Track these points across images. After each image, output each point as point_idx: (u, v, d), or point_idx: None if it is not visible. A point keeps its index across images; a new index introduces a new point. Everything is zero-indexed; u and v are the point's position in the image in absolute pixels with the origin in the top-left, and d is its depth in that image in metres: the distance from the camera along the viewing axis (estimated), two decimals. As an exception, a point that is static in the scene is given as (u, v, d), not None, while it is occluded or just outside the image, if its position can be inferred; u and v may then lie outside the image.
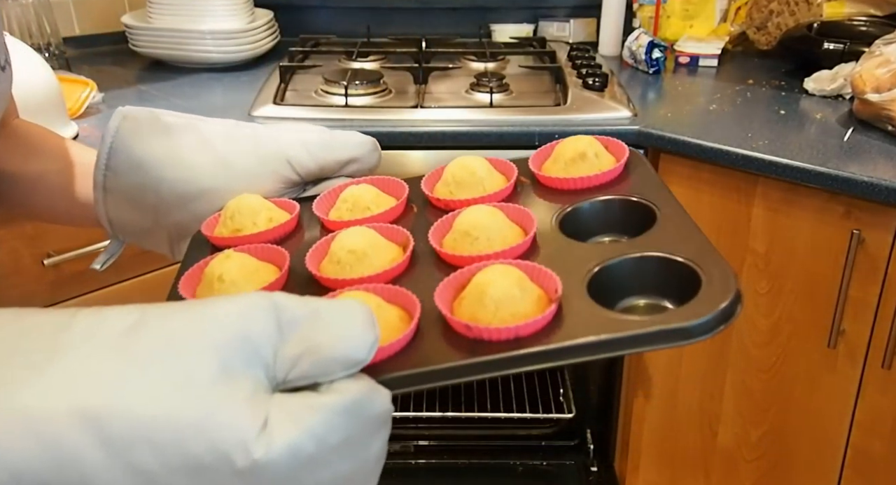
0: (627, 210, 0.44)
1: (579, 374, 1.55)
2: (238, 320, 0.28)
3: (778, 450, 1.29)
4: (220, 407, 0.27)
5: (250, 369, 0.28)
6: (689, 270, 0.37)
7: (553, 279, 0.37)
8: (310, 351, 0.29)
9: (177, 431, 0.26)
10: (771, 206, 1.15)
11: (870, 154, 1.11)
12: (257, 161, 0.51)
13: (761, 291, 1.21)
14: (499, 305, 0.36)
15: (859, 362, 1.14)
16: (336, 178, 0.53)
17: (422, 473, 1.59)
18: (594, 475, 1.55)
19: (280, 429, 0.27)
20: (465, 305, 0.37)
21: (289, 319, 0.29)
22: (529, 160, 0.50)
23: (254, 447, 0.27)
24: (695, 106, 1.36)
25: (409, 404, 1.62)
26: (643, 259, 0.39)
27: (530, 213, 0.44)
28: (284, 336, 0.29)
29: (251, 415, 0.27)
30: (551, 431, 1.62)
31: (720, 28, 1.69)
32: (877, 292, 1.09)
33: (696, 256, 0.37)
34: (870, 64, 1.18)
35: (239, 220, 0.47)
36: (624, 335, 0.33)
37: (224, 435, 0.26)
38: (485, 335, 0.35)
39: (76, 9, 1.66)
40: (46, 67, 1.14)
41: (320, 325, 0.30)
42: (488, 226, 0.42)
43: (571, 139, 0.49)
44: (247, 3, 1.56)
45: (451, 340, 0.36)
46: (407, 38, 1.69)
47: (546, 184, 0.48)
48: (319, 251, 0.44)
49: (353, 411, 0.29)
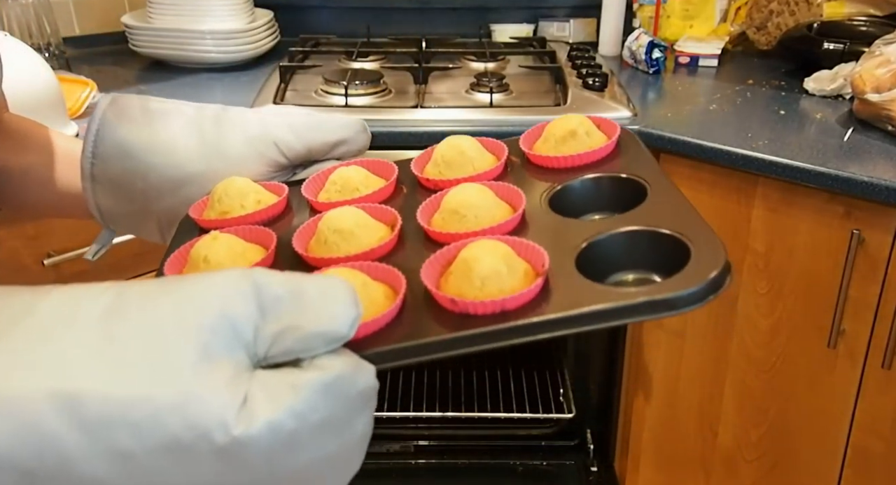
0: (618, 187, 0.44)
1: (579, 374, 1.55)
2: (217, 301, 0.28)
3: (778, 450, 1.29)
4: (198, 386, 0.26)
5: (230, 349, 0.28)
6: (678, 243, 0.36)
7: (540, 254, 0.37)
8: (291, 327, 0.29)
9: (154, 410, 0.26)
10: (771, 206, 1.15)
11: (870, 154, 1.11)
12: (245, 144, 0.51)
13: (761, 291, 1.21)
14: (485, 281, 0.35)
15: (859, 362, 1.14)
16: (325, 161, 0.53)
17: (422, 473, 1.59)
18: (594, 475, 1.55)
19: (260, 406, 0.27)
20: (451, 281, 0.37)
21: (269, 297, 0.29)
22: (520, 139, 0.50)
23: (233, 425, 0.26)
24: (695, 106, 1.36)
25: (409, 404, 1.62)
26: (632, 234, 0.38)
27: (519, 191, 0.43)
28: (265, 314, 0.29)
29: (230, 393, 0.27)
30: (551, 431, 1.62)
31: (720, 28, 1.69)
32: (877, 292, 1.09)
33: (686, 229, 0.37)
34: (870, 64, 1.18)
35: (227, 202, 0.47)
36: (611, 306, 0.33)
37: (202, 413, 0.26)
38: (470, 309, 0.34)
39: (76, 9, 1.66)
40: (46, 67, 1.14)
41: (301, 301, 0.29)
42: (477, 204, 0.42)
43: (562, 118, 0.48)
44: (247, 3, 1.56)
45: (437, 315, 0.35)
46: (407, 38, 1.69)
47: (536, 162, 0.48)
48: (307, 231, 0.44)
49: (335, 388, 0.29)
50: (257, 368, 0.29)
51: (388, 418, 1.60)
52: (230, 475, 0.27)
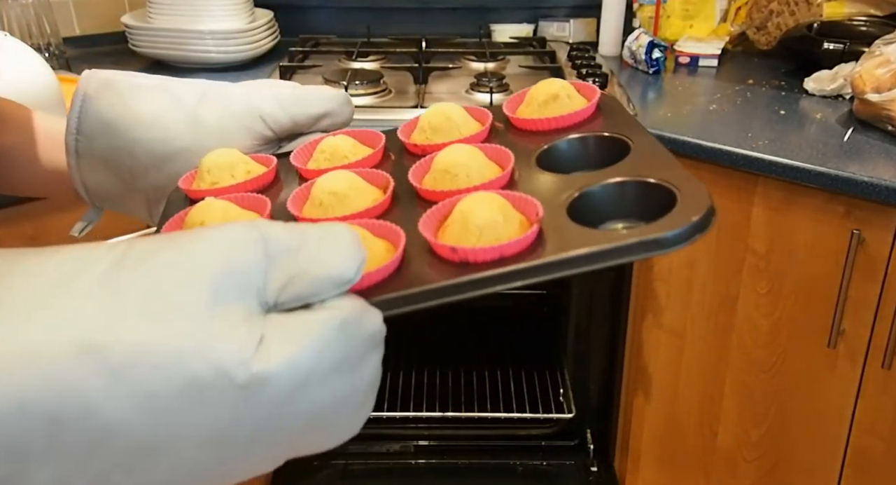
0: (603, 146, 0.45)
1: (579, 374, 1.55)
2: (226, 253, 0.29)
3: (778, 450, 1.29)
4: (215, 327, 0.27)
5: (242, 295, 0.28)
6: (664, 190, 0.38)
7: (534, 204, 0.38)
8: (300, 273, 0.29)
9: (175, 351, 0.26)
10: (771, 206, 1.16)
11: (870, 154, 1.11)
12: (230, 118, 0.51)
13: (761, 291, 1.21)
14: (483, 231, 0.36)
15: (859, 362, 1.14)
16: (309, 133, 0.53)
17: (422, 473, 1.59)
18: (594, 475, 1.55)
19: (277, 345, 0.28)
20: (449, 232, 0.38)
21: (276, 245, 0.30)
22: (503, 106, 0.50)
23: (252, 363, 0.27)
24: (695, 106, 1.36)
25: (409, 404, 1.62)
26: (621, 184, 0.40)
27: (507, 151, 0.44)
28: (273, 261, 0.29)
29: (247, 333, 0.28)
30: (551, 431, 1.62)
31: (720, 28, 1.69)
32: (877, 292, 1.09)
33: (671, 178, 0.38)
34: (870, 64, 1.18)
35: (216, 173, 0.47)
36: (604, 247, 0.34)
37: (222, 353, 0.27)
38: (470, 257, 0.35)
39: (76, 9, 1.66)
40: (46, 67, 1.14)
41: (308, 247, 0.30)
42: (467, 164, 0.42)
43: (543, 83, 0.49)
44: (247, 3, 1.56)
45: (437, 265, 0.36)
46: (407, 38, 1.69)
47: (521, 126, 0.49)
48: (300, 196, 0.44)
49: (347, 328, 0.29)
50: (269, 313, 0.29)
51: (388, 418, 1.60)
52: (248, 414, 0.28)
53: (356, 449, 1.61)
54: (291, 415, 0.29)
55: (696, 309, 1.30)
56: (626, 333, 1.42)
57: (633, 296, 1.39)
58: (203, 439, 0.27)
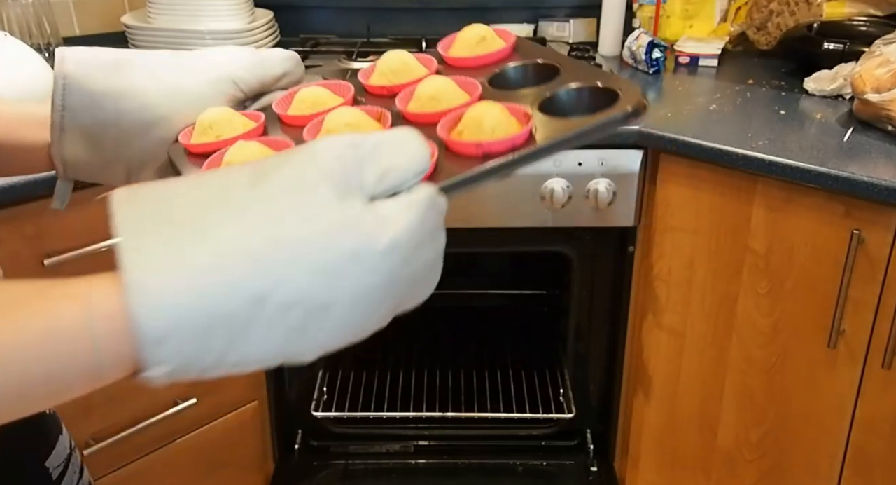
0: (539, 69, 0.55)
1: (579, 374, 1.55)
2: (333, 159, 0.36)
3: (778, 450, 1.29)
4: (349, 215, 0.35)
5: (354, 190, 0.36)
6: (608, 91, 0.47)
7: (521, 108, 0.47)
8: (388, 168, 0.37)
9: (333, 234, 0.35)
10: (771, 206, 1.16)
11: (870, 154, 1.11)
12: (207, 85, 0.56)
13: (761, 291, 1.21)
14: (495, 128, 0.44)
15: (859, 362, 1.14)
16: (271, 92, 0.59)
17: (422, 473, 1.59)
18: (594, 475, 1.55)
19: (396, 219, 0.36)
20: (465, 135, 0.45)
21: (366, 147, 0.37)
22: (437, 48, 0.59)
23: (384, 234, 0.36)
24: (695, 106, 1.36)
25: (409, 404, 1.62)
26: (578, 88, 0.50)
27: (474, 80, 0.52)
28: (366, 161, 0.37)
29: (373, 216, 0.36)
30: (551, 431, 1.62)
31: (720, 28, 1.69)
32: (877, 292, 1.09)
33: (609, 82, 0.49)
34: (870, 64, 1.18)
35: (219, 128, 0.52)
36: (594, 123, 0.44)
37: (362, 229, 0.35)
38: (492, 148, 0.43)
39: (76, 9, 1.66)
40: (46, 67, 1.14)
41: (387, 148, 0.38)
42: (449, 90, 0.50)
43: (469, 27, 0.58)
44: (247, 3, 1.56)
45: (462, 160, 0.44)
46: (407, 38, 1.69)
47: (461, 65, 0.57)
48: (313, 131, 0.50)
49: (434, 204, 0.38)
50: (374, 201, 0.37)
51: (388, 418, 1.60)
52: (387, 272, 0.36)
53: (356, 449, 1.61)
54: (409, 273, 0.37)
55: (696, 309, 1.30)
56: (626, 334, 1.42)
57: (633, 296, 1.39)
58: (359, 298, 0.36)
